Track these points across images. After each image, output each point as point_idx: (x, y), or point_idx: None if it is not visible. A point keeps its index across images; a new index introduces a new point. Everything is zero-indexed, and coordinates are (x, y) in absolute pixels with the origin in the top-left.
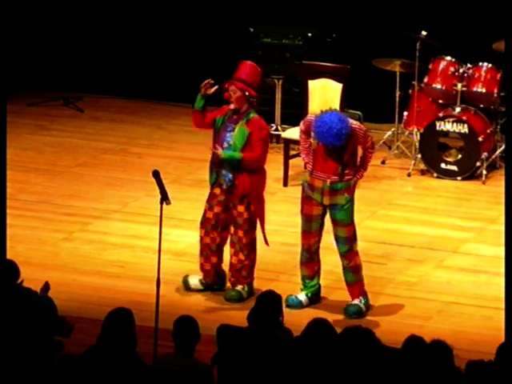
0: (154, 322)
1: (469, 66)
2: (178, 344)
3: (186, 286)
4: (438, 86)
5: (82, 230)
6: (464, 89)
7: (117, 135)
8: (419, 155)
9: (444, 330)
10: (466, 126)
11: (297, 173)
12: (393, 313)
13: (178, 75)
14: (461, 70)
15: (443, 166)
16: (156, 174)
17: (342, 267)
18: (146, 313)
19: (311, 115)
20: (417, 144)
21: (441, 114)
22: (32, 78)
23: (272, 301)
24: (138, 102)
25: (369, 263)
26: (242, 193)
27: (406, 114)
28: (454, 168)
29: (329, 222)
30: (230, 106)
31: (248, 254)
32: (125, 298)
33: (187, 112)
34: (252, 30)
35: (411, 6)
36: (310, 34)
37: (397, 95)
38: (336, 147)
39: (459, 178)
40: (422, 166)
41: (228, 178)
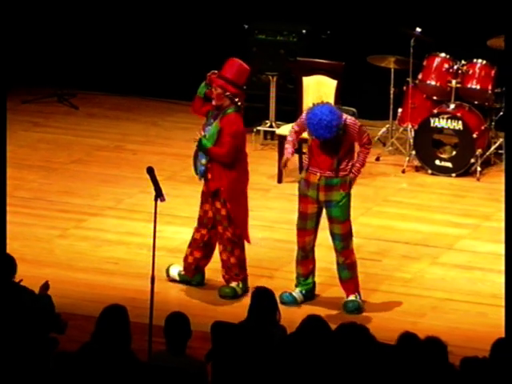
0: (149, 318)
1: (463, 62)
2: (170, 341)
3: (166, 273)
4: (433, 83)
5: (76, 227)
6: (458, 85)
7: (112, 132)
8: (414, 152)
9: (439, 326)
10: (460, 122)
11: (291, 169)
12: (387, 309)
13: (173, 72)
14: (455, 67)
15: (438, 162)
16: (150, 171)
17: (336, 263)
18: (141, 309)
19: (305, 113)
20: (411, 141)
21: (435, 111)
22: (26, 74)
23: (266, 297)
24: (132, 99)
25: (363, 260)
26: (214, 188)
27: (400, 110)
28: (449, 165)
29: (325, 219)
30: (212, 102)
31: (232, 250)
32: (119, 294)
33: (182, 109)
34: (246, 27)
35: (405, 3)
36: (304, 31)
37: (391, 92)
38: (327, 140)
39: (454, 175)
40: (416, 163)
41: (200, 170)
